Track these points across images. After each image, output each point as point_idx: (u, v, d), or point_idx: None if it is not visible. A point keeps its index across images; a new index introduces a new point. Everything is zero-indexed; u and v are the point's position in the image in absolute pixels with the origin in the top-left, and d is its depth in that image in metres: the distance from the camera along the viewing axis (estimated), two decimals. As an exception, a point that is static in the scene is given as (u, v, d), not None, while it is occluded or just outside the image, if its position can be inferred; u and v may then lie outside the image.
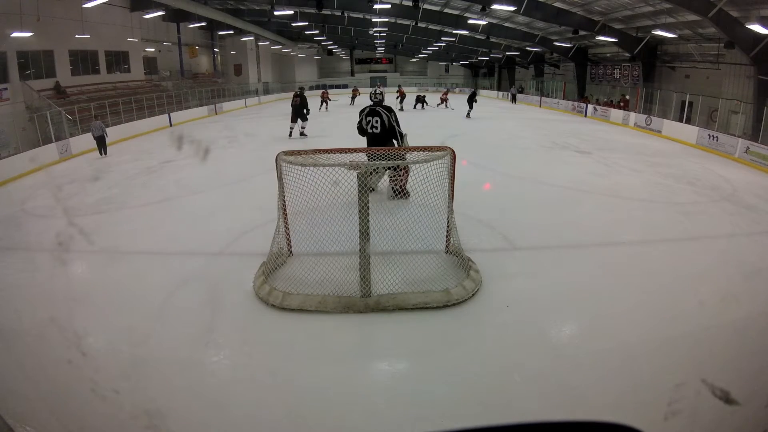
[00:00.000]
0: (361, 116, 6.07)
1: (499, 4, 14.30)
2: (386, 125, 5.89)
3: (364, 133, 6.09)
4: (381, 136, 5.91)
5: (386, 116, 5.91)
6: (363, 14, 21.97)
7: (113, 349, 3.05)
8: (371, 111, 5.96)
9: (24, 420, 2.20)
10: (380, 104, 6.10)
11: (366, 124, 5.99)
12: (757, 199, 6.70)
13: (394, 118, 5.98)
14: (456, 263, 4.04)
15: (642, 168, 8.60)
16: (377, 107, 5.98)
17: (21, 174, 8.97)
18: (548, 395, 2.58)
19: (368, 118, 5.96)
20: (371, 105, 6.07)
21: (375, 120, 5.90)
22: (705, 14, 11.04)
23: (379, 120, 5.89)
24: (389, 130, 5.91)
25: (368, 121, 5.95)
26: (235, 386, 2.70)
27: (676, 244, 4.94)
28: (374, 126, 5.90)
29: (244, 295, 3.70)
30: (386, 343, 3.20)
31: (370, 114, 5.96)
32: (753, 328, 3.29)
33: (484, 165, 8.41)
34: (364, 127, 6.01)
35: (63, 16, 14.70)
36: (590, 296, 3.75)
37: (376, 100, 6.22)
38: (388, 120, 5.91)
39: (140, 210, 6.33)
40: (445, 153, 3.96)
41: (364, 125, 6.02)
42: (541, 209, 5.99)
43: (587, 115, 18.38)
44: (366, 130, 6.00)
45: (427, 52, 32.96)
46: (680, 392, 2.43)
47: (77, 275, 4.49)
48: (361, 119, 6.08)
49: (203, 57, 26.68)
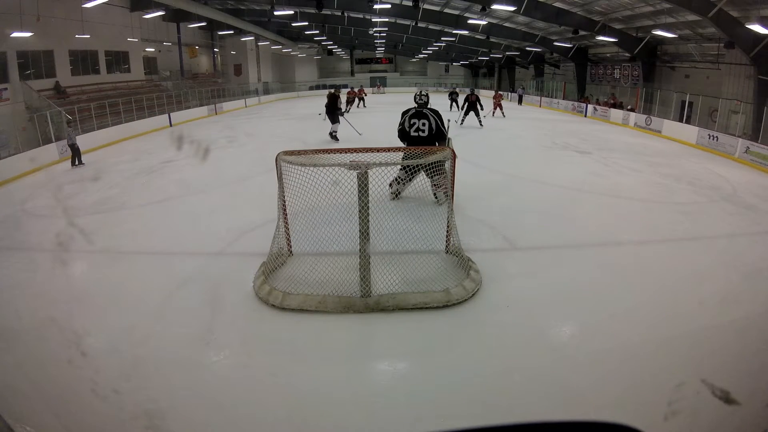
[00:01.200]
0: (404, 118, 5.64)
1: (499, 4, 14.31)
2: (433, 129, 5.51)
3: (406, 137, 5.66)
4: (427, 140, 5.51)
5: (434, 119, 5.54)
6: (363, 14, 21.97)
7: (113, 349, 3.05)
8: (417, 113, 5.56)
9: (24, 420, 2.20)
10: (426, 106, 5.68)
11: (410, 126, 5.57)
12: (757, 199, 6.70)
13: (441, 121, 5.65)
14: (456, 263, 4.04)
15: (642, 168, 8.60)
16: (424, 109, 5.60)
17: (21, 174, 8.96)
18: (548, 395, 2.58)
19: (413, 120, 5.56)
20: (416, 107, 5.66)
21: (422, 122, 5.52)
22: (705, 14, 11.04)
23: (426, 123, 5.51)
24: (436, 135, 5.53)
25: (413, 123, 5.55)
26: (235, 386, 2.70)
27: (676, 244, 4.95)
28: (421, 129, 5.52)
29: (244, 295, 3.70)
30: (386, 343, 3.20)
31: (416, 116, 5.56)
32: (753, 328, 3.29)
33: (485, 165, 8.41)
34: (407, 131, 5.59)
35: (63, 16, 14.70)
36: (590, 296, 3.75)
37: (422, 102, 5.71)
38: (437, 123, 5.54)
39: (140, 210, 6.33)
40: (445, 153, 3.96)
41: (408, 128, 5.58)
42: (541, 209, 5.99)
43: (587, 115, 18.38)
44: (409, 134, 5.58)
45: (427, 52, 32.96)
46: (680, 392, 2.43)
47: (77, 275, 4.49)
48: (403, 121, 5.63)
49: (203, 57, 26.69)
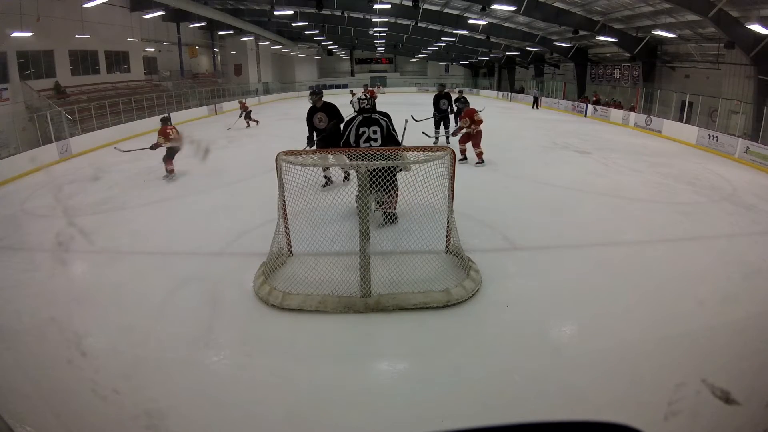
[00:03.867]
0: (349, 128, 4.88)
1: (499, 4, 14.30)
2: (385, 134, 4.91)
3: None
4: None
5: (386, 123, 4.92)
6: (363, 14, 21.96)
7: (113, 349, 3.05)
8: (366, 120, 4.88)
9: (24, 420, 2.20)
10: (374, 110, 5.03)
11: (359, 137, 4.84)
12: (757, 199, 6.70)
13: (392, 125, 5.05)
14: (456, 263, 4.04)
15: (642, 168, 8.60)
16: (373, 114, 4.94)
17: (21, 174, 8.95)
18: (548, 395, 2.58)
19: (362, 129, 4.85)
20: (364, 113, 4.94)
21: (373, 130, 4.85)
22: (705, 14, 11.04)
23: (378, 130, 4.85)
24: (388, 139, 4.94)
25: (362, 132, 4.84)
26: (235, 386, 2.70)
27: (676, 244, 4.95)
28: (372, 138, 4.85)
29: (244, 295, 3.70)
30: (386, 343, 3.20)
31: (364, 124, 4.87)
32: (753, 328, 3.29)
33: (485, 165, 8.40)
34: (354, 143, 4.86)
35: (63, 16, 14.69)
36: (590, 296, 3.74)
37: (368, 107, 4.99)
38: (388, 128, 4.93)
39: (140, 210, 6.33)
40: (445, 153, 3.96)
41: (354, 140, 4.85)
42: (541, 209, 5.99)
43: (587, 115, 18.38)
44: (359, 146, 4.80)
45: (427, 52, 32.95)
46: (680, 392, 2.43)
47: (77, 275, 4.49)
48: (348, 133, 4.87)
49: (203, 57, 26.68)
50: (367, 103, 5.00)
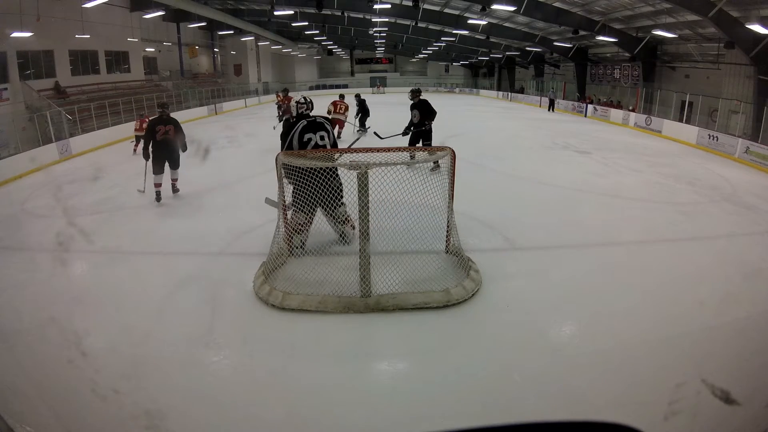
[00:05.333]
0: (293, 134, 4.40)
1: (499, 4, 14.31)
2: (332, 140, 4.56)
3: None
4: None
5: (330, 127, 4.58)
6: (363, 14, 21.98)
7: (113, 349, 3.05)
8: (311, 124, 4.44)
9: (24, 420, 2.20)
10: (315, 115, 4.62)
11: (305, 144, 4.39)
12: (757, 199, 6.70)
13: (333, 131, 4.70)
14: (456, 263, 4.04)
15: (642, 168, 8.60)
16: (318, 118, 4.53)
17: (21, 174, 8.95)
18: (548, 395, 2.58)
19: (307, 134, 4.39)
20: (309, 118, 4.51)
21: (320, 135, 4.43)
22: (705, 14, 11.04)
23: (325, 135, 4.46)
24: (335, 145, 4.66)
25: (307, 139, 4.39)
26: (235, 386, 2.70)
27: (676, 244, 4.95)
28: (319, 145, 4.43)
29: (244, 295, 3.70)
30: (386, 343, 3.20)
31: (309, 129, 4.40)
32: (753, 328, 3.30)
33: (484, 165, 8.40)
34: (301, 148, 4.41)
35: (63, 16, 14.68)
36: (590, 296, 3.74)
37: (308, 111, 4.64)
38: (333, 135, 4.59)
39: (140, 210, 6.33)
40: (445, 153, 3.96)
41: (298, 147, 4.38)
42: (541, 209, 5.99)
43: (587, 115, 18.38)
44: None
45: (427, 52, 32.97)
46: (680, 392, 2.43)
47: (77, 275, 4.49)
48: (291, 138, 4.40)
49: (203, 57, 26.69)
50: (306, 107, 4.66)
